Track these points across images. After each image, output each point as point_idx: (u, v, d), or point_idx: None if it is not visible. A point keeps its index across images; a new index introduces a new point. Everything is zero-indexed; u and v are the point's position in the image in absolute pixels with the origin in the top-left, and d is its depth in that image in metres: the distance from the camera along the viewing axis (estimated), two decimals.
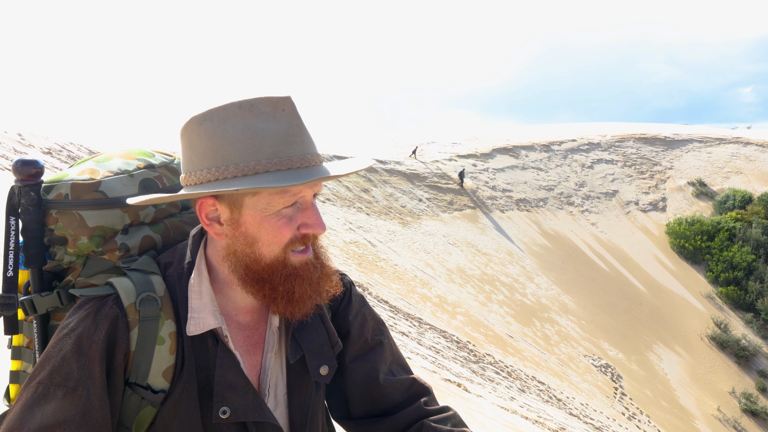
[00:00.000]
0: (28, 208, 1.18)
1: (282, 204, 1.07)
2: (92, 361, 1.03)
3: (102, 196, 1.18)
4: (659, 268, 31.29)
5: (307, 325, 1.24)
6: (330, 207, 21.31)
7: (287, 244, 1.09)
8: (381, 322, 1.36)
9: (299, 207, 1.10)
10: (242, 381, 1.12)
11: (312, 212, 1.10)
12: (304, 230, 1.09)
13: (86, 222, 1.17)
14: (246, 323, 1.19)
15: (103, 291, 1.10)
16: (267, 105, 1.05)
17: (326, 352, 1.24)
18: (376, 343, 1.31)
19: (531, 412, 8.82)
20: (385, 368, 1.30)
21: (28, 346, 1.26)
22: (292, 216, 1.09)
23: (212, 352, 1.12)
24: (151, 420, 1.10)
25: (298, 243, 1.10)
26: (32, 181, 1.19)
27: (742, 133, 51.81)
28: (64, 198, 1.18)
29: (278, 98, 1.06)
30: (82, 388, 1.01)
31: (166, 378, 1.09)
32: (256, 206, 1.07)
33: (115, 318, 1.07)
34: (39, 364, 1.04)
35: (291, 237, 1.09)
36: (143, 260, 1.17)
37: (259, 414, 1.12)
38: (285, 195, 1.06)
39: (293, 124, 1.06)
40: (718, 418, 21.74)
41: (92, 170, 1.22)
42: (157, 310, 1.10)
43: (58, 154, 11.17)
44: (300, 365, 1.22)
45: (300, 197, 1.08)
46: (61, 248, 1.21)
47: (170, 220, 1.27)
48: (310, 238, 1.11)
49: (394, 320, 11.12)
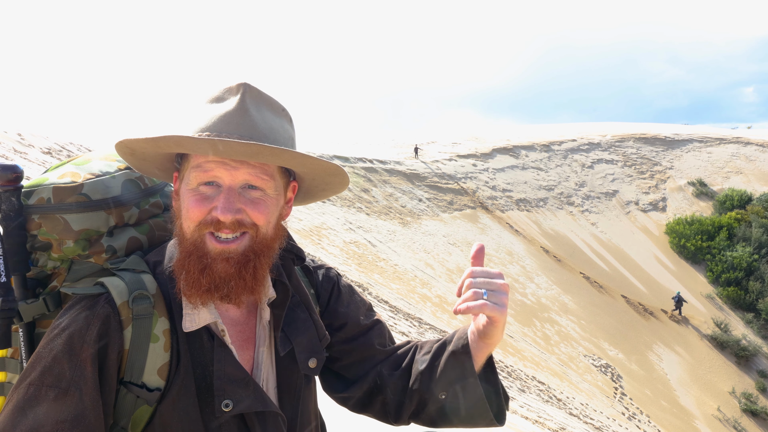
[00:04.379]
0: (9, 214, 1.15)
1: (196, 180, 1.09)
2: (84, 361, 1.02)
3: (86, 198, 1.18)
4: (659, 268, 31.28)
5: (296, 319, 1.25)
6: (330, 207, 21.30)
7: (200, 223, 1.09)
8: (370, 305, 1.42)
9: (221, 191, 1.09)
10: (241, 374, 1.12)
11: (223, 196, 1.08)
12: (214, 213, 1.08)
13: (71, 225, 1.16)
14: (237, 318, 1.20)
15: (94, 290, 1.09)
16: (219, 91, 1.12)
17: (315, 346, 1.25)
18: (373, 323, 1.37)
19: (531, 412, 8.82)
20: (383, 342, 1.37)
21: (13, 356, 1.23)
22: (210, 197, 1.09)
23: (208, 348, 1.12)
24: (147, 419, 1.09)
25: (211, 226, 1.08)
26: (12, 186, 1.16)
27: (742, 133, 51.79)
28: (46, 202, 1.16)
29: (230, 86, 1.12)
30: (75, 389, 1.00)
31: (161, 376, 1.09)
32: (185, 180, 1.12)
33: (107, 317, 1.06)
34: (30, 365, 1.03)
35: (202, 217, 1.08)
36: (132, 260, 1.16)
37: (262, 404, 1.13)
38: (198, 170, 1.09)
39: (234, 109, 1.10)
40: (718, 418, 21.73)
41: (73, 173, 1.21)
42: (150, 308, 1.10)
43: (58, 154, 11.17)
44: (289, 358, 1.23)
45: (216, 178, 1.08)
46: (44, 254, 1.19)
47: (154, 221, 1.27)
48: (222, 224, 1.07)
49: (394, 320, 11.12)
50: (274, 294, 1.21)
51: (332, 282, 1.37)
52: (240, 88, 1.11)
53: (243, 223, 1.09)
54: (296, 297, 1.26)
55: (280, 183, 1.15)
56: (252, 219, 1.10)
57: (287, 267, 1.27)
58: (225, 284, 1.10)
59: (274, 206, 1.14)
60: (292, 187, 1.20)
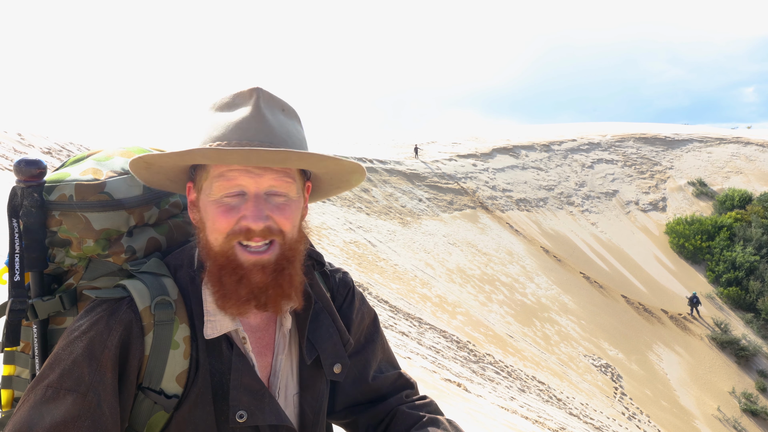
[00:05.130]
0: (31, 209, 1.14)
1: (220, 190, 1.07)
2: (104, 366, 1.01)
3: (108, 197, 1.15)
4: (659, 268, 31.29)
5: (320, 326, 1.24)
6: (330, 207, 21.30)
7: (228, 234, 1.07)
8: (375, 317, 1.39)
9: (247, 199, 1.07)
10: (258, 385, 1.11)
11: (251, 204, 1.06)
12: (243, 222, 1.06)
13: (92, 224, 1.14)
14: (256, 325, 1.18)
15: (117, 293, 1.08)
16: (230, 97, 1.11)
17: (339, 351, 1.24)
18: (369, 341, 1.34)
19: (531, 412, 8.82)
20: (375, 365, 1.33)
21: (24, 351, 1.22)
22: (235, 206, 1.07)
23: (226, 356, 1.11)
24: (163, 425, 1.08)
25: (241, 236, 1.06)
26: (35, 181, 1.15)
27: (742, 132, 51.80)
28: (68, 199, 1.14)
29: (242, 91, 1.11)
30: (93, 394, 0.99)
31: (180, 383, 1.08)
32: (205, 191, 1.09)
33: (129, 323, 1.05)
34: (48, 366, 1.02)
35: (230, 228, 1.06)
36: (152, 263, 1.14)
37: (276, 417, 1.11)
38: (221, 180, 1.06)
39: (251, 116, 1.08)
40: (718, 418, 21.74)
41: (95, 170, 1.19)
42: (172, 314, 1.08)
43: (58, 154, 11.16)
44: (313, 366, 1.22)
45: (240, 187, 1.07)
46: (62, 251, 1.17)
47: (173, 221, 1.26)
48: (253, 232, 1.06)
49: (394, 320, 11.12)
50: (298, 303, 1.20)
51: (348, 287, 1.35)
52: (253, 93, 1.09)
53: (271, 230, 1.08)
54: (318, 304, 1.25)
55: (300, 185, 1.14)
56: (279, 225, 1.08)
57: (308, 273, 1.25)
58: (263, 293, 1.09)
59: (297, 209, 1.13)
60: (307, 187, 1.19)
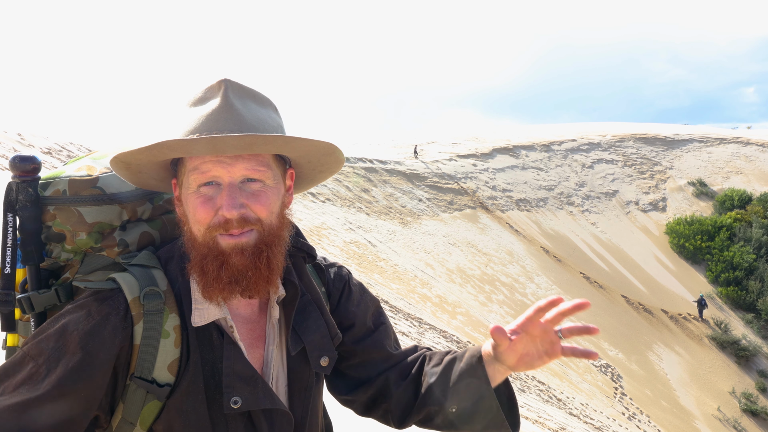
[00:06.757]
0: (26, 204, 1.17)
1: (196, 182, 1.10)
2: (68, 345, 1.04)
3: (100, 192, 1.19)
4: (659, 268, 31.29)
5: (307, 318, 1.25)
6: (330, 207, 21.31)
7: (210, 225, 1.10)
8: (379, 303, 1.43)
9: (222, 189, 1.10)
10: (250, 371, 1.14)
11: (225, 193, 1.08)
12: (221, 212, 1.09)
13: (85, 218, 1.17)
14: (247, 316, 1.21)
15: (106, 285, 1.11)
16: (202, 92, 1.13)
17: (326, 344, 1.26)
18: (380, 324, 1.39)
19: (531, 412, 8.82)
20: (390, 343, 1.39)
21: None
22: (212, 197, 1.10)
23: (217, 345, 1.13)
24: (157, 414, 1.10)
25: (221, 229, 1.09)
26: (30, 177, 1.18)
27: (742, 133, 51.81)
28: (61, 194, 1.18)
29: (211, 85, 1.13)
30: (45, 367, 1.02)
31: (171, 371, 1.10)
32: (185, 185, 1.13)
33: (113, 312, 1.08)
34: (31, 335, 1.08)
35: (210, 219, 1.10)
36: (143, 255, 1.18)
37: (270, 402, 1.14)
38: (196, 173, 1.10)
39: (219, 107, 1.10)
40: (718, 418, 21.74)
41: (89, 167, 1.23)
42: (161, 304, 1.11)
43: (58, 154, 11.17)
44: (301, 357, 1.24)
45: (214, 178, 1.09)
46: (58, 245, 1.21)
47: (167, 217, 1.28)
48: (231, 223, 1.09)
49: (394, 320, 11.12)
50: (284, 292, 1.22)
51: (344, 281, 1.37)
52: (221, 84, 1.11)
53: (248, 218, 1.10)
54: (306, 296, 1.26)
55: (278, 172, 1.16)
56: (255, 212, 1.11)
57: (298, 265, 1.27)
58: (243, 276, 1.11)
59: (275, 196, 1.14)
60: (290, 174, 1.21)
